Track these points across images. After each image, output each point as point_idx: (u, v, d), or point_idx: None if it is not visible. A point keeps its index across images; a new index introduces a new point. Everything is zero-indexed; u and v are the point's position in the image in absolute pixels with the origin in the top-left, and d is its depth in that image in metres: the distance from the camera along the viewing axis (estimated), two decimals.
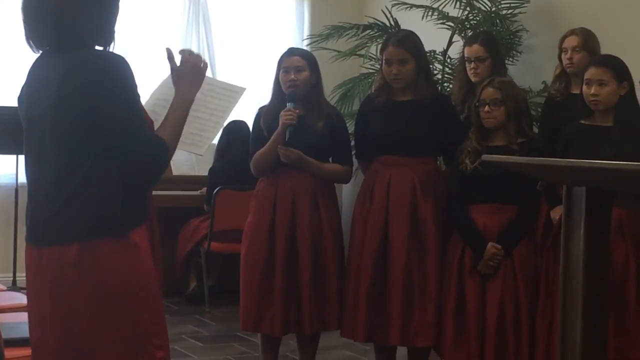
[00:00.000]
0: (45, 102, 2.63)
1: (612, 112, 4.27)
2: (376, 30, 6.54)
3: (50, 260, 2.62)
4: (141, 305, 2.62)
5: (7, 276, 6.78)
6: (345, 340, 4.89)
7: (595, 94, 4.22)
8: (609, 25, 5.48)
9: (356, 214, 4.68)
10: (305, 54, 4.78)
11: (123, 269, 2.59)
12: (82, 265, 2.57)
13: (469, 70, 5.00)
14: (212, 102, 3.00)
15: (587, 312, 3.05)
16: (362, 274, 4.55)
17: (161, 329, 2.70)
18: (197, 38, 7.64)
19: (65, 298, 2.60)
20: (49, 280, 2.63)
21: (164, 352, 2.68)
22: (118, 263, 2.59)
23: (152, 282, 2.67)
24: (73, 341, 2.61)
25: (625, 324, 4.19)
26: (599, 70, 4.25)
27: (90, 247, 2.57)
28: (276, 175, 4.65)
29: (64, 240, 2.59)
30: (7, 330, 3.23)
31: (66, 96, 2.58)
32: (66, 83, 2.58)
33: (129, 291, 2.60)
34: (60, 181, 2.60)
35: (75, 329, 2.60)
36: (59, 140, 2.60)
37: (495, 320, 4.34)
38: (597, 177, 3.03)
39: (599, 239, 3.08)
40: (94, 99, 2.54)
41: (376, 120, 4.62)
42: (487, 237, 4.38)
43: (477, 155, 4.34)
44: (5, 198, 6.98)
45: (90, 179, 2.57)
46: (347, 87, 6.89)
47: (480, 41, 5.06)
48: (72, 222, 2.58)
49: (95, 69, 2.56)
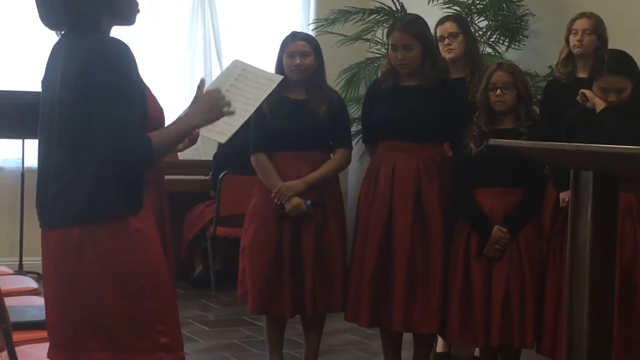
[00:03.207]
0: (52, 86, 2.67)
1: None
2: (382, 14, 6.54)
3: (55, 244, 2.65)
4: (142, 291, 2.63)
5: (13, 260, 6.80)
6: (351, 325, 4.89)
7: (613, 100, 4.17)
8: (615, 10, 5.47)
9: (361, 199, 4.67)
10: (310, 39, 4.78)
11: (124, 254, 2.61)
12: (84, 249, 2.59)
13: (442, 49, 5.04)
14: (250, 92, 3.00)
15: (594, 296, 3.05)
16: (366, 259, 4.55)
17: (166, 316, 2.70)
18: (202, 22, 7.63)
19: (67, 281, 2.63)
20: (53, 263, 2.67)
21: (168, 339, 2.68)
22: (119, 249, 2.61)
23: (157, 268, 2.68)
24: (74, 324, 2.64)
25: (633, 309, 4.19)
26: (616, 79, 4.17)
27: (91, 231, 2.59)
28: (279, 161, 4.66)
29: (64, 224, 2.62)
30: (14, 314, 3.24)
31: (66, 80, 2.61)
32: (66, 67, 2.62)
33: (129, 276, 2.62)
34: (62, 165, 2.63)
35: (76, 312, 2.63)
36: (62, 124, 2.63)
37: (501, 304, 4.34)
38: (604, 161, 3.03)
39: (606, 223, 3.08)
40: (87, 82, 2.57)
41: (382, 105, 4.62)
42: (492, 221, 4.38)
43: (482, 138, 4.33)
44: (11, 182, 7.00)
45: (87, 163, 2.60)
46: (353, 72, 6.88)
47: (452, 19, 5.22)
48: (70, 205, 2.61)
49: (89, 54, 2.59)
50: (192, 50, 7.63)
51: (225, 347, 5.47)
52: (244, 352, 5.38)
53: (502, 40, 6.33)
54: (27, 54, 6.96)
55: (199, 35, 7.64)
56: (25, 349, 3.15)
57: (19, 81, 6.89)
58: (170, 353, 2.68)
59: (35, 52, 6.91)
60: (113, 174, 2.60)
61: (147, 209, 2.70)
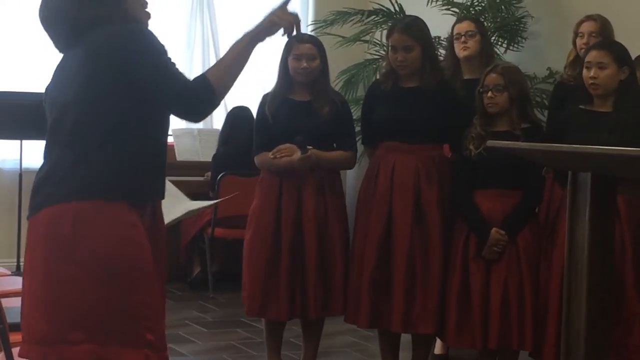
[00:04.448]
0: (69, 88, 2.65)
1: (611, 98, 4.24)
2: (381, 16, 6.53)
3: (45, 227, 2.61)
4: (132, 284, 2.62)
5: (11, 261, 6.79)
6: (349, 326, 4.89)
7: (594, 76, 4.20)
8: (614, 11, 5.46)
9: (360, 200, 4.68)
10: (316, 42, 4.76)
11: (117, 246, 2.60)
12: (74, 239, 2.57)
13: (458, 47, 5.04)
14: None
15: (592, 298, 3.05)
16: (366, 260, 4.55)
17: (154, 312, 2.68)
18: (201, 23, 7.63)
19: (54, 271, 2.61)
20: (40, 252, 2.63)
21: (153, 335, 2.66)
22: (112, 241, 2.59)
23: (148, 264, 2.66)
24: (58, 317, 2.61)
25: (622, 311, 4.18)
26: (599, 53, 4.22)
27: (83, 221, 2.57)
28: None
29: (61, 198, 2.60)
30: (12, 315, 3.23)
31: (94, 63, 2.61)
32: (94, 52, 2.62)
33: (120, 269, 2.60)
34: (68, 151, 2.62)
35: (62, 305, 2.61)
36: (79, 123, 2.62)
37: (499, 306, 4.34)
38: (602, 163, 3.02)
39: (603, 225, 3.08)
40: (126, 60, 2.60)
41: (381, 106, 4.62)
42: (491, 223, 4.38)
43: (481, 140, 4.34)
44: (9, 183, 7.00)
45: (108, 142, 2.60)
46: (351, 73, 6.87)
47: (470, 19, 5.23)
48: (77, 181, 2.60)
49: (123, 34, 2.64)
50: (191, 52, 7.62)
51: (223, 348, 5.46)
52: (242, 354, 5.37)
53: (501, 41, 6.33)
54: (24, 56, 6.96)
55: (198, 37, 7.63)
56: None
57: (17, 82, 6.89)
58: (155, 352, 2.66)
59: (33, 54, 6.92)
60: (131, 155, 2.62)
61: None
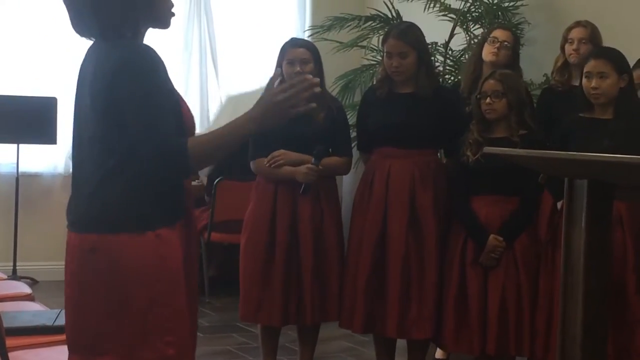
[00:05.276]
0: (83, 93, 2.64)
1: (612, 105, 4.26)
2: (378, 21, 6.54)
3: (72, 246, 2.61)
4: (154, 299, 2.55)
5: (7, 265, 6.79)
6: (345, 331, 4.89)
7: (596, 87, 4.20)
8: (610, 18, 5.48)
9: (356, 206, 4.68)
10: (310, 46, 4.77)
11: (139, 259, 2.54)
12: (98, 252, 2.54)
13: (488, 50, 5.03)
14: None
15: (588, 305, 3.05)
16: (361, 265, 4.55)
17: (176, 326, 2.61)
18: (198, 28, 7.63)
19: (79, 282, 2.59)
20: (69, 264, 2.63)
21: (175, 350, 2.60)
22: (135, 254, 2.54)
23: (174, 277, 2.59)
24: (85, 327, 2.59)
25: (624, 317, 4.19)
26: (599, 63, 4.23)
27: (109, 238, 2.54)
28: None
29: (83, 229, 2.57)
30: (7, 320, 3.23)
31: (95, 88, 2.57)
32: (96, 75, 2.58)
33: (142, 283, 2.54)
34: (93, 170, 2.58)
35: (87, 316, 2.58)
36: (93, 130, 2.58)
37: (497, 312, 4.35)
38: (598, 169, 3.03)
39: (600, 232, 3.07)
40: (116, 90, 2.52)
41: (377, 112, 4.62)
42: (488, 229, 4.39)
43: (478, 147, 4.34)
44: (6, 187, 6.99)
45: (117, 170, 2.54)
46: (348, 79, 6.88)
47: (512, 31, 5.24)
48: (94, 212, 2.56)
49: (116, 60, 2.54)
50: (188, 56, 7.62)
51: (219, 353, 5.46)
52: (238, 359, 5.37)
53: None
54: (23, 59, 6.95)
55: (195, 41, 7.63)
56: (18, 355, 3.15)
57: (15, 86, 6.89)
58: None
59: (30, 58, 6.93)
60: (146, 182, 2.53)
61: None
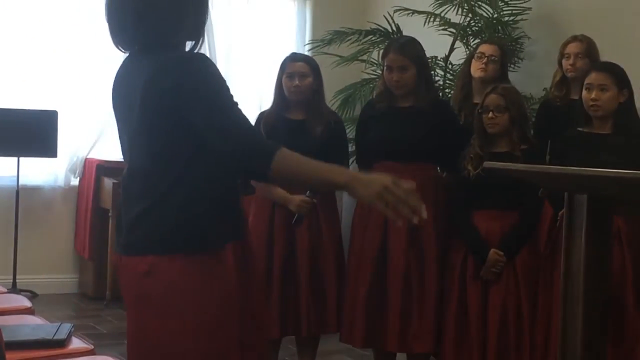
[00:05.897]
0: (130, 106, 2.51)
1: (610, 120, 4.27)
2: (378, 35, 6.55)
3: (127, 269, 2.52)
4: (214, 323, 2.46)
5: (7, 278, 6.78)
6: (345, 345, 4.88)
7: (596, 98, 4.21)
8: (609, 32, 5.49)
9: (355, 220, 4.68)
10: (309, 60, 4.79)
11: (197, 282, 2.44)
12: (155, 275, 2.44)
13: (476, 66, 5.02)
14: None
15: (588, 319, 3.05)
16: (361, 279, 4.55)
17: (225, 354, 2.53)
18: None
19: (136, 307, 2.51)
20: (126, 288, 2.56)
21: None
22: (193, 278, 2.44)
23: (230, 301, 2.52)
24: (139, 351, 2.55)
25: (623, 331, 4.19)
26: (600, 76, 4.24)
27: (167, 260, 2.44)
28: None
29: (139, 252, 2.47)
30: (7, 333, 3.21)
31: (150, 101, 2.44)
32: (149, 88, 2.44)
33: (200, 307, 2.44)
34: (146, 188, 2.48)
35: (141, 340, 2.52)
36: (145, 145, 2.48)
37: (497, 326, 4.34)
38: (598, 184, 3.03)
39: (600, 247, 3.08)
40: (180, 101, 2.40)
41: (376, 126, 4.63)
42: (489, 244, 4.38)
43: (479, 161, 4.34)
44: (6, 200, 6.99)
45: (175, 188, 2.44)
46: (348, 93, 6.89)
47: (498, 44, 5.20)
48: (150, 233, 2.46)
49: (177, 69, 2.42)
50: None
51: None
52: None
53: None
54: (24, 73, 6.96)
55: None
56: None
57: (16, 99, 6.89)
58: None
59: (32, 71, 6.93)
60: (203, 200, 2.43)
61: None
